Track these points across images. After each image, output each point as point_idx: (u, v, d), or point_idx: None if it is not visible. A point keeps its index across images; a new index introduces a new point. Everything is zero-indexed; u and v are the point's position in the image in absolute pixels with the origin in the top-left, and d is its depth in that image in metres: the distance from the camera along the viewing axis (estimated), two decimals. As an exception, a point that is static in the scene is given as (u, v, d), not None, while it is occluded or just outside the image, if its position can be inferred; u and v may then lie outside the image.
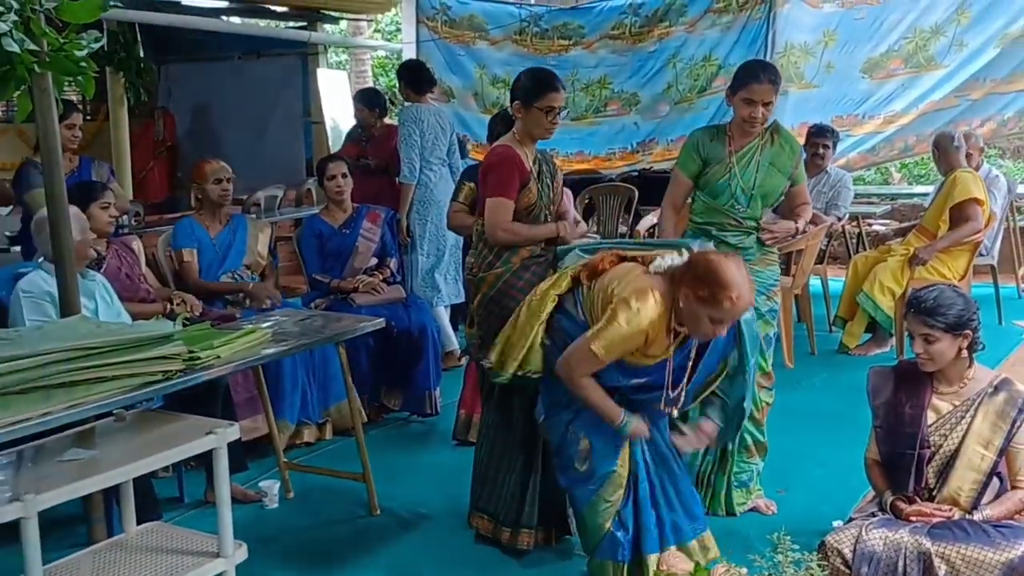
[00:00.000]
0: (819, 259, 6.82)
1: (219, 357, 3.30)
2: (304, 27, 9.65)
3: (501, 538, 3.65)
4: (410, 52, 9.05)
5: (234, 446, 3.78)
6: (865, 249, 7.55)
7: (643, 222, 6.95)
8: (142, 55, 8.62)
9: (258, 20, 10.49)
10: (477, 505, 3.75)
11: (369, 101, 6.76)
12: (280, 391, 4.65)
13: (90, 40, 3.10)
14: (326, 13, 9.82)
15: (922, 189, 8.72)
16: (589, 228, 7.32)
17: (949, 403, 3.14)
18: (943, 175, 6.44)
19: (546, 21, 8.97)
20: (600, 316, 3.09)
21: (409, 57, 8.78)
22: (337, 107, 9.56)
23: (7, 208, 6.77)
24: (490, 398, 3.71)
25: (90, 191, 4.43)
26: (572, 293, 3.30)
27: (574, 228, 3.94)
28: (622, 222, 7.72)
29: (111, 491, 3.23)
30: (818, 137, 6.82)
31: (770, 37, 8.07)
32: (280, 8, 9.49)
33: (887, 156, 8.60)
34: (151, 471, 3.31)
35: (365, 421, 5.01)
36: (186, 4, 8.71)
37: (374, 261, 5.35)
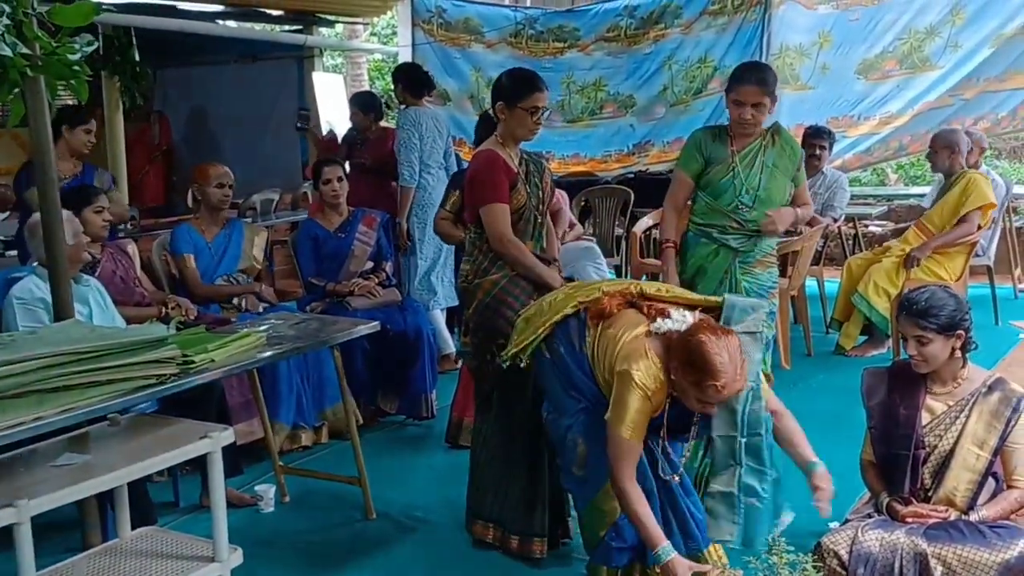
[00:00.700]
0: (815, 260, 6.83)
1: (213, 361, 3.31)
2: (299, 31, 9.64)
3: (510, 546, 3.62)
4: (406, 55, 9.03)
5: (229, 450, 3.78)
6: (861, 250, 7.54)
7: (639, 224, 6.94)
8: (138, 59, 8.62)
9: (253, 24, 10.48)
10: (479, 513, 3.71)
11: (364, 104, 6.75)
12: (276, 395, 4.65)
13: (83, 44, 3.09)
14: (321, 17, 9.81)
15: (918, 190, 8.73)
16: (585, 231, 7.32)
17: (943, 403, 3.13)
18: (944, 174, 6.42)
19: (541, 24, 8.95)
20: (603, 371, 3.08)
21: (405, 60, 8.78)
22: (333, 111, 9.54)
23: (3, 213, 6.76)
24: (487, 405, 3.69)
25: (85, 195, 4.43)
26: (577, 317, 3.25)
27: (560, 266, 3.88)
28: (618, 224, 7.71)
29: (106, 496, 3.23)
30: (814, 138, 6.83)
31: (765, 39, 8.06)
32: (275, 12, 9.48)
33: (882, 156, 8.60)
34: (146, 476, 3.30)
35: (361, 424, 5.00)
36: (182, 8, 8.70)
37: (370, 264, 5.35)
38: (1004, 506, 3.06)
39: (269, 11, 9.41)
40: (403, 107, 6.31)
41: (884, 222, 8.55)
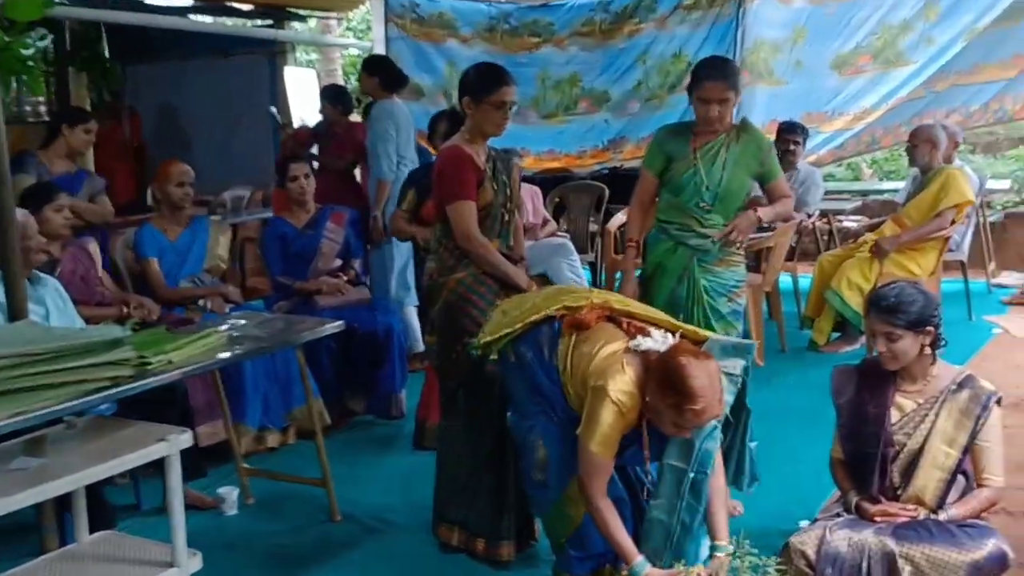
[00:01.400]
0: (789, 256, 6.81)
1: (171, 362, 3.24)
2: (271, 26, 9.55)
3: (476, 549, 3.57)
4: (380, 50, 8.97)
5: (192, 452, 3.71)
6: (836, 246, 7.53)
7: (613, 220, 6.91)
8: (108, 55, 8.50)
9: (225, 19, 10.39)
10: (445, 515, 3.65)
11: (334, 97, 6.68)
12: (242, 395, 4.58)
13: (36, 39, 3.02)
14: (293, 11, 9.73)
15: (892, 185, 8.73)
16: (560, 227, 7.28)
17: (913, 401, 3.11)
18: (922, 169, 6.41)
19: (516, 18, 8.90)
20: (575, 385, 3.03)
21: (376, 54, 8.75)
22: (306, 106, 9.46)
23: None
24: (453, 407, 3.63)
25: (44, 193, 4.35)
26: (551, 326, 3.17)
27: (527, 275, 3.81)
28: (592, 221, 7.67)
29: (63, 500, 3.16)
30: (788, 134, 6.82)
31: (739, 34, 8.05)
32: (247, 7, 9.38)
33: (855, 150, 8.60)
34: (105, 479, 3.24)
35: (329, 425, 4.96)
36: (151, 3, 8.60)
37: (338, 262, 5.29)
38: (974, 505, 3.04)
39: (240, 6, 9.32)
40: (372, 100, 6.24)
41: (858, 217, 8.56)
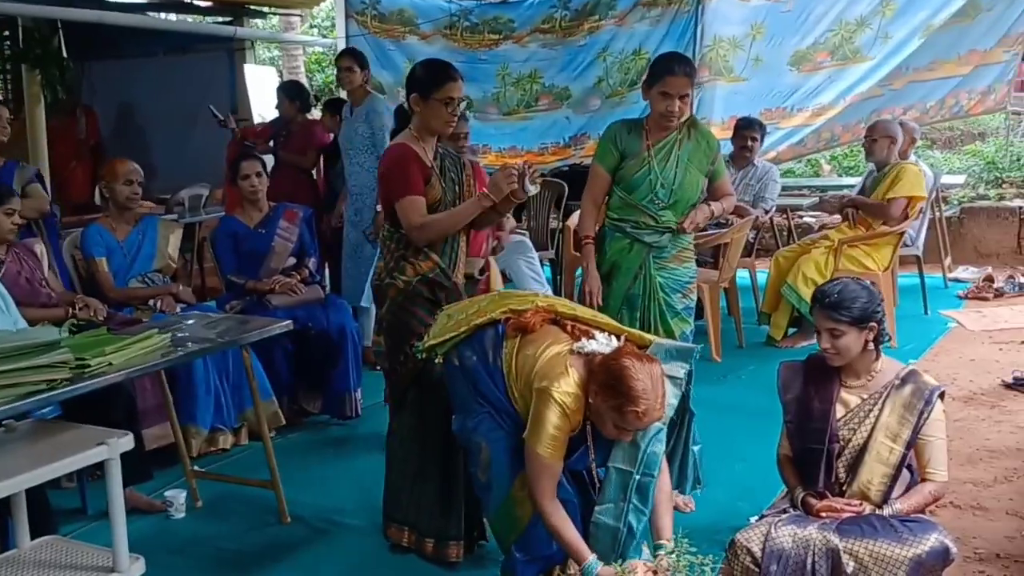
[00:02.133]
0: (747, 252, 6.83)
1: (111, 364, 3.19)
2: (230, 22, 9.47)
3: (424, 550, 3.54)
4: (342, 47, 8.93)
5: (136, 455, 3.69)
6: (795, 241, 7.57)
7: (573, 217, 6.89)
8: (64, 52, 8.39)
9: (185, 16, 10.30)
10: (394, 516, 3.62)
11: (292, 93, 6.63)
12: (192, 397, 4.53)
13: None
14: (254, 8, 9.65)
15: (851, 181, 8.78)
16: (520, 224, 7.26)
17: (857, 396, 3.11)
18: (879, 164, 6.45)
19: (476, 15, 8.86)
20: (520, 387, 3.02)
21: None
22: (266, 103, 9.39)
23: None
24: (402, 407, 3.59)
25: (-3, 196, 4.27)
26: (496, 329, 3.16)
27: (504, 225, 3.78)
28: (553, 217, 7.66)
29: (3, 504, 3.10)
30: (746, 130, 6.83)
31: (699, 30, 8.07)
32: (206, 3, 9.30)
33: (814, 147, 8.66)
34: (47, 482, 3.18)
35: (283, 425, 4.91)
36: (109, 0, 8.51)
37: (292, 261, 5.23)
38: (918, 499, 3.05)
39: (199, 3, 9.24)
40: (339, 97, 6.22)
41: (818, 213, 8.61)
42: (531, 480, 2.94)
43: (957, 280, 8.13)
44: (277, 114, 7.07)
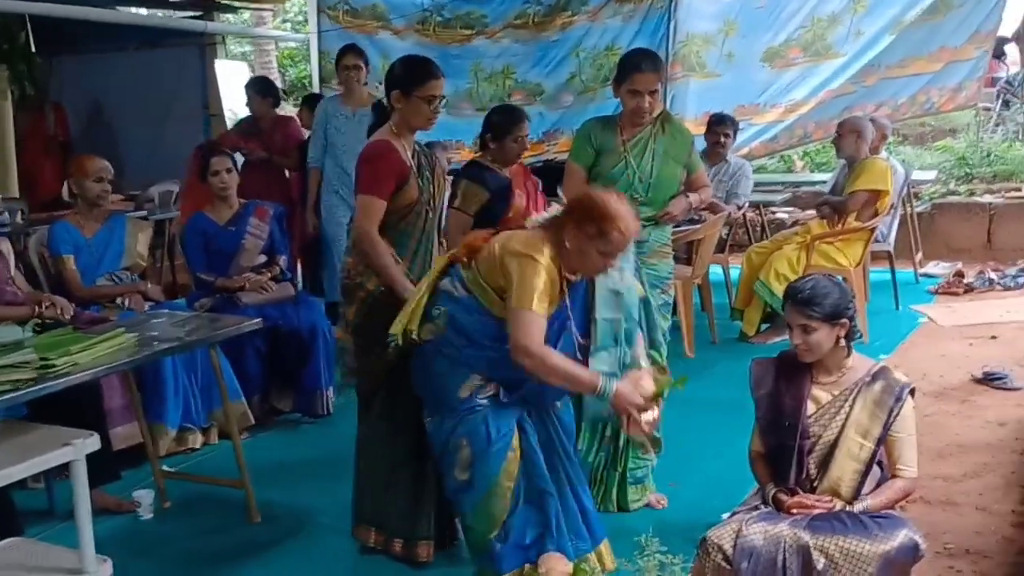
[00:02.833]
0: (720, 248, 6.85)
1: (77, 364, 3.15)
2: (200, 17, 9.38)
3: (393, 550, 3.51)
4: (314, 43, 8.89)
5: (104, 455, 3.63)
6: (768, 237, 7.60)
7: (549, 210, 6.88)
8: (32, 47, 8.29)
9: (156, 10, 10.18)
10: (363, 516, 3.58)
11: (261, 89, 6.57)
12: (160, 396, 4.49)
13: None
14: (224, 3, 9.57)
15: (823, 176, 8.81)
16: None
17: (828, 393, 3.11)
18: (849, 160, 6.48)
19: (449, 10, 8.81)
20: (496, 282, 3.04)
21: (313, 48, 8.69)
22: (237, 99, 9.31)
23: None
24: (370, 407, 3.55)
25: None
26: (449, 275, 3.20)
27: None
28: (527, 213, 7.64)
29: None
30: (718, 126, 6.84)
31: (672, 26, 8.06)
32: (176, -3, 9.23)
33: (788, 144, 8.69)
34: (15, 483, 3.13)
35: (254, 424, 4.87)
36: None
37: (263, 259, 5.19)
38: (888, 495, 3.05)
39: (169, -3, 9.16)
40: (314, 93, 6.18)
41: (791, 209, 8.64)
42: (523, 340, 2.94)
43: (928, 275, 8.18)
44: (248, 111, 7.00)
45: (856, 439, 3.05)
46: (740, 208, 6.84)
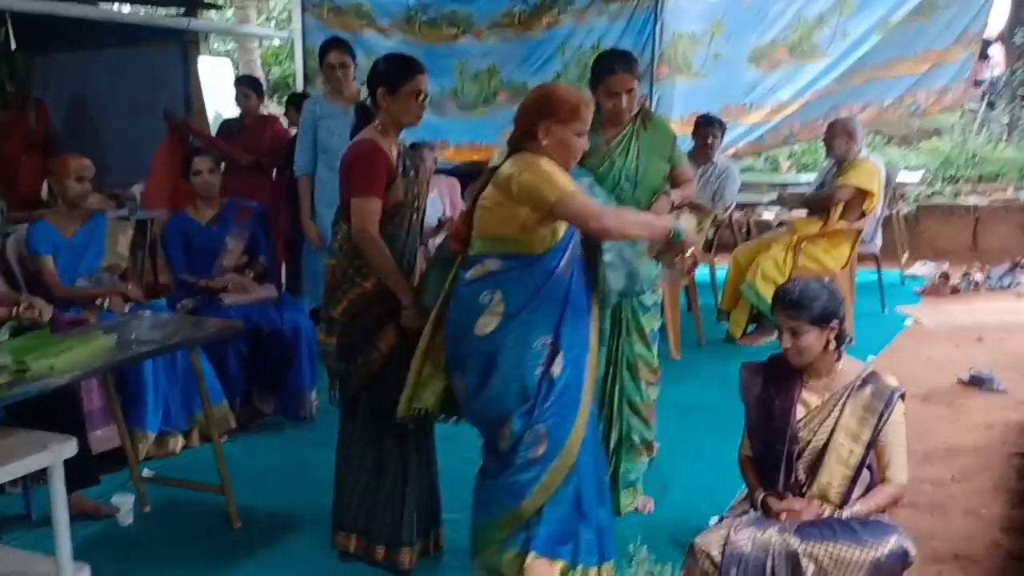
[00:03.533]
0: (707, 248, 6.82)
1: (53, 368, 3.09)
2: (183, 14, 9.30)
3: (375, 557, 3.45)
4: (298, 41, 8.82)
5: (83, 459, 3.58)
6: (754, 238, 7.58)
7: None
8: (13, 44, 8.20)
9: (138, 7, 10.11)
10: (343, 523, 3.52)
11: (255, 86, 6.51)
12: (140, 399, 4.42)
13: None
14: (207, 1, 9.50)
15: (809, 177, 8.82)
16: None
17: (818, 397, 3.09)
18: (837, 160, 6.47)
19: (435, 9, 8.75)
20: (509, 228, 2.97)
21: (298, 46, 8.62)
22: (220, 97, 9.26)
23: None
24: (354, 411, 3.49)
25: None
26: (457, 279, 3.11)
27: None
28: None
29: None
30: (706, 127, 6.83)
31: (658, 27, 8.02)
32: (158, -6, 9.15)
33: (773, 144, 8.68)
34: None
35: (236, 427, 4.82)
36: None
37: (245, 259, 5.13)
38: (877, 500, 3.03)
39: (151, -6, 9.09)
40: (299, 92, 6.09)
41: (776, 209, 8.63)
42: (590, 215, 2.93)
43: (914, 277, 8.19)
44: (233, 109, 6.93)
45: (846, 444, 3.02)
46: (726, 209, 6.83)
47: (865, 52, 7.96)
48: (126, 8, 9.71)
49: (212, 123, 9.27)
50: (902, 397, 3.05)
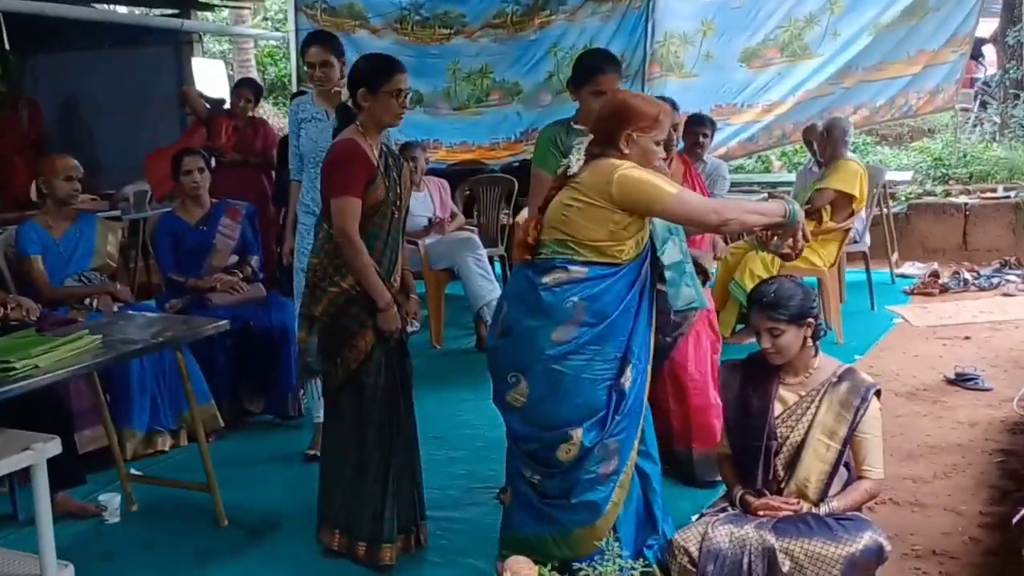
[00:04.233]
0: (696, 248, 6.82)
1: (38, 367, 3.11)
2: (177, 15, 9.33)
3: (356, 553, 3.47)
4: (292, 41, 8.86)
5: (69, 459, 3.61)
6: (743, 238, 7.58)
7: (523, 213, 6.86)
8: (6, 44, 8.22)
9: (132, 8, 10.13)
10: (328, 519, 3.55)
11: (255, 91, 6.53)
12: (127, 398, 4.45)
13: None
14: (201, 1, 9.52)
15: (799, 176, 8.84)
16: (470, 220, 7.22)
17: (795, 394, 3.11)
18: (824, 161, 6.49)
19: (427, 9, 8.80)
20: (597, 233, 2.98)
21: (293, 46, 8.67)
22: (214, 97, 9.26)
23: None
24: (337, 409, 3.52)
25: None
26: (529, 281, 3.07)
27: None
28: (504, 213, 7.63)
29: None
30: (697, 126, 6.81)
31: (649, 26, 8.10)
32: (152, -5, 9.18)
33: (766, 144, 8.72)
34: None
35: (224, 426, 4.84)
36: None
37: (234, 259, 5.15)
38: (854, 496, 3.06)
39: (145, -6, 9.11)
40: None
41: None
42: (701, 210, 3.02)
43: (904, 276, 8.20)
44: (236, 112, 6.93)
45: (822, 440, 3.05)
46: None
47: (857, 53, 8.01)
48: (120, 9, 9.70)
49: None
50: (877, 394, 3.08)
